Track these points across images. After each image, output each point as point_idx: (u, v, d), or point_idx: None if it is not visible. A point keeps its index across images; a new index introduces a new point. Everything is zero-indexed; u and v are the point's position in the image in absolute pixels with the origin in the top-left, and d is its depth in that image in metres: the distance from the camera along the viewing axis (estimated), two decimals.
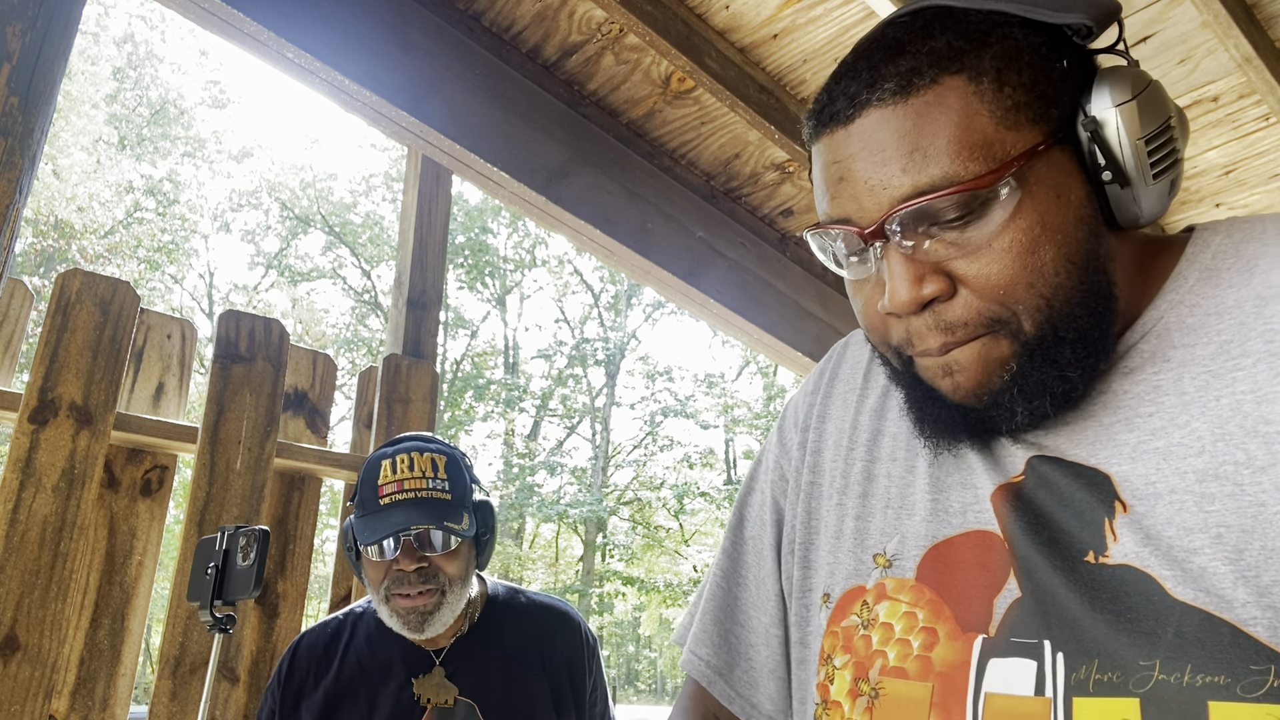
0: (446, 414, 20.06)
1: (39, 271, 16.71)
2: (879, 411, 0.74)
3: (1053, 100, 0.57)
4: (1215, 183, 2.73)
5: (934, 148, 0.55)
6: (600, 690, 1.66)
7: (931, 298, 0.57)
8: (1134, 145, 0.57)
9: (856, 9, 2.09)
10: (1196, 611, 0.51)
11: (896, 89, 0.56)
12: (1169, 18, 2.10)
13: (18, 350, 2.08)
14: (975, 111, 0.55)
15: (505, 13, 2.16)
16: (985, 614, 0.59)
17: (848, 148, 0.58)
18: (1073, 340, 0.57)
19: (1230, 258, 0.61)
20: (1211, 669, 0.49)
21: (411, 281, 2.62)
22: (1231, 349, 0.57)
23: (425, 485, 1.47)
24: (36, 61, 1.51)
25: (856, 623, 0.66)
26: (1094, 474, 0.59)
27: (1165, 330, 0.60)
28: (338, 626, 1.59)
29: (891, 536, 0.67)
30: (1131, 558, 0.55)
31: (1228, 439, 0.55)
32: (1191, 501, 0.54)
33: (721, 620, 0.80)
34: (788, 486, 0.79)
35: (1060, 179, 0.57)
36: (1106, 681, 0.52)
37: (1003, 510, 0.61)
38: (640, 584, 20.26)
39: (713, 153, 2.64)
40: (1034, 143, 0.56)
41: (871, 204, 0.57)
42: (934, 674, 0.59)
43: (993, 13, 0.58)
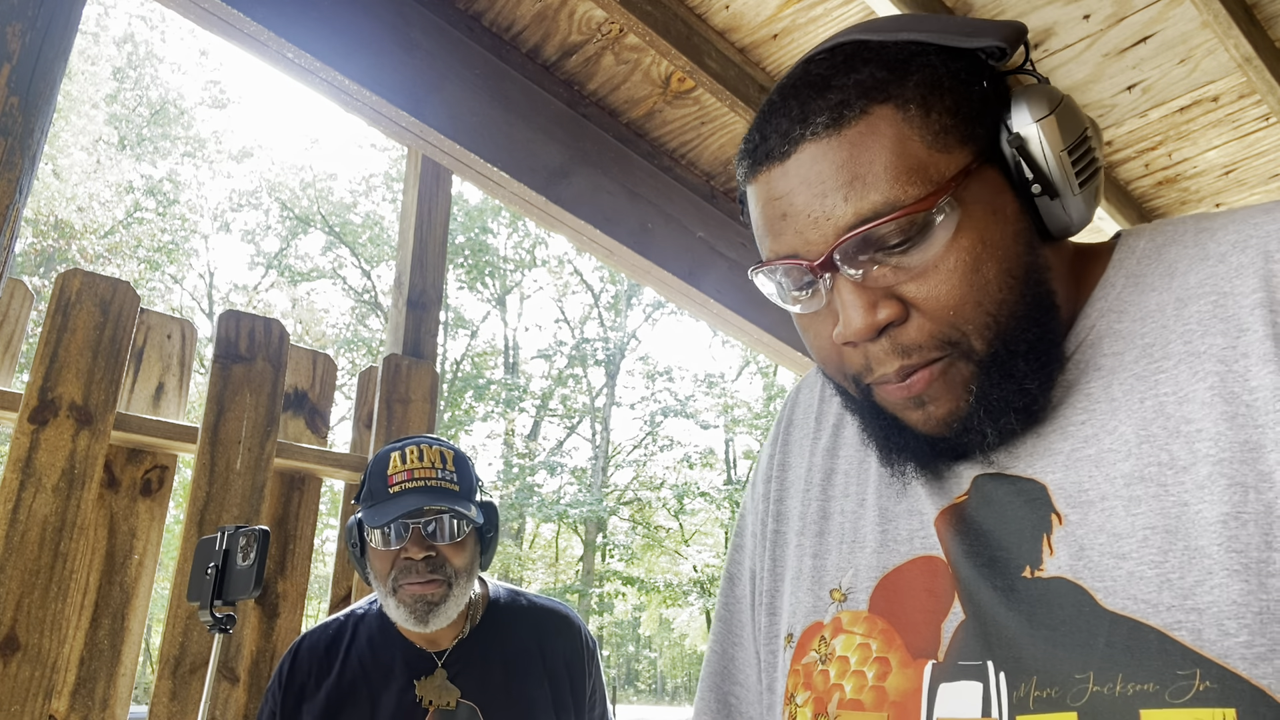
0: (446, 414, 20.06)
1: (39, 271, 16.71)
2: (831, 450, 0.75)
3: (977, 121, 0.59)
4: (1215, 183, 2.73)
5: (872, 175, 0.56)
6: (599, 693, 1.66)
7: (886, 323, 0.58)
8: (1058, 157, 0.59)
9: (856, 9, 2.09)
10: (1125, 620, 0.52)
11: (829, 122, 0.58)
12: (1169, 18, 2.10)
13: (18, 350, 2.08)
14: (907, 137, 0.56)
15: (505, 13, 2.16)
16: (934, 639, 0.59)
17: (786, 184, 0.59)
18: (1025, 353, 0.58)
19: (1152, 261, 0.62)
20: (1141, 677, 0.50)
21: (411, 281, 2.62)
22: (1154, 352, 0.58)
23: (435, 475, 1.48)
24: (36, 61, 1.51)
25: (815, 659, 0.66)
26: (1031, 485, 0.59)
27: (1096, 339, 0.62)
28: (339, 628, 1.59)
29: (846, 571, 0.68)
30: (1065, 570, 0.55)
31: (1152, 440, 0.56)
32: (1120, 506, 0.55)
33: (719, 684, 0.81)
34: (757, 540, 0.80)
35: (993, 196, 0.58)
36: (1045, 698, 0.53)
37: (945, 533, 0.62)
38: (640, 584, 20.26)
39: (713, 153, 2.64)
40: (965, 163, 0.57)
41: (816, 236, 0.58)
42: (888, 703, 0.60)
43: (909, 43, 0.60)
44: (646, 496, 21.18)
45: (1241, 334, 0.56)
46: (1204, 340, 0.57)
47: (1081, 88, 2.36)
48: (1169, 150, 2.60)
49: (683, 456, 21.47)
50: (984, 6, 2.08)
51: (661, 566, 22.11)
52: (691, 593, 20.67)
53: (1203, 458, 0.53)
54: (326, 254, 22.06)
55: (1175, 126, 2.50)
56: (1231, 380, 0.55)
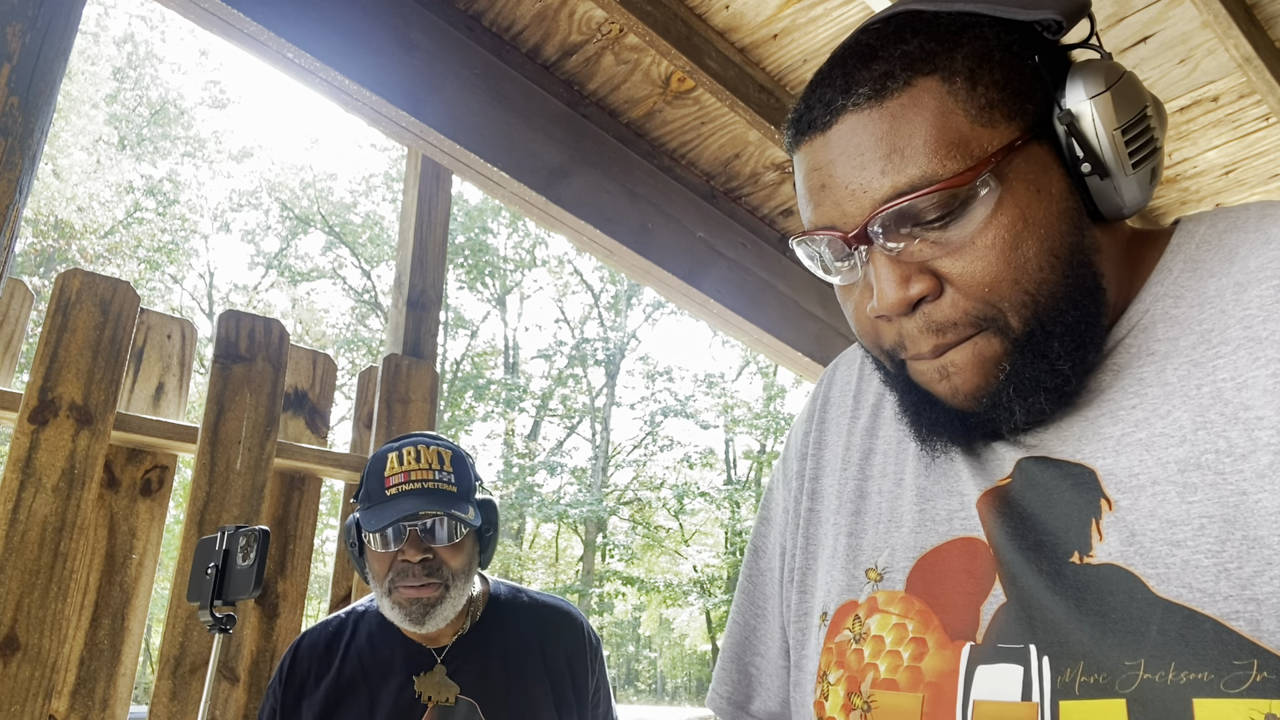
0: (446, 414, 20.06)
1: (39, 271, 16.71)
2: (870, 430, 0.74)
3: (1027, 96, 0.58)
4: (1215, 183, 2.73)
5: (911, 148, 0.55)
6: (603, 690, 1.66)
7: (919, 297, 0.57)
8: (1111, 136, 0.57)
9: (856, 9, 2.09)
10: (1179, 609, 0.51)
11: (871, 93, 0.57)
12: (1169, 18, 2.10)
13: (18, 350, 2.08)
14: (950, 111, 0.56)
15: (505, 13, 2.16)
16: (972, 621, 0.59)
17: (827, 154, 0.59)
18: (1060, 334, 0.57)
19: (1213, 247, 0.61)
20: (1195, 666, 0.49)
21: (411, 281, 2.62)
22: (1212, 337, 0.57)
23: (432, 476, 1.48)
24: (36, 61, 1.51)
25: (849, 637, 0.65)
26: (1079, 470, 0.58)
27: (1150, 323, 0.60)
28: (339, 625, 1.59)
29: (882, 550, 0.67)
30: (1115, 556, 0.54)
31: (1209, 427, 0.54)
32: (1174, 492, 0.54)
33: (740, 655, 0.81)
34: (789, 517, 0.79)
35: (1039, 174, 0.57)
36: (1092, 683, 0.52)
37: (988, 516, 0.61)
38: (640, 584, 20.27)
39: (713, 153, 2.64)
40: (1010, 139, 0.56)
41: (853, 208, 0.58)
42: (924, 684, 0.59)
43: (962, 14, 0.58)
44: (646, 496, 21.18)
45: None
46: (1265, 325, 0.55)
47: None
48: (1169, 150, 2.60)
49: (683, 456, 21.48)
50: None
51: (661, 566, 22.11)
52: (691, 593, 20.67)
53: (1263, 446, 0.52)
54: (326, 254, 22.06)
55: (1175, 126, 2.50)
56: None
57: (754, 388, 23.75)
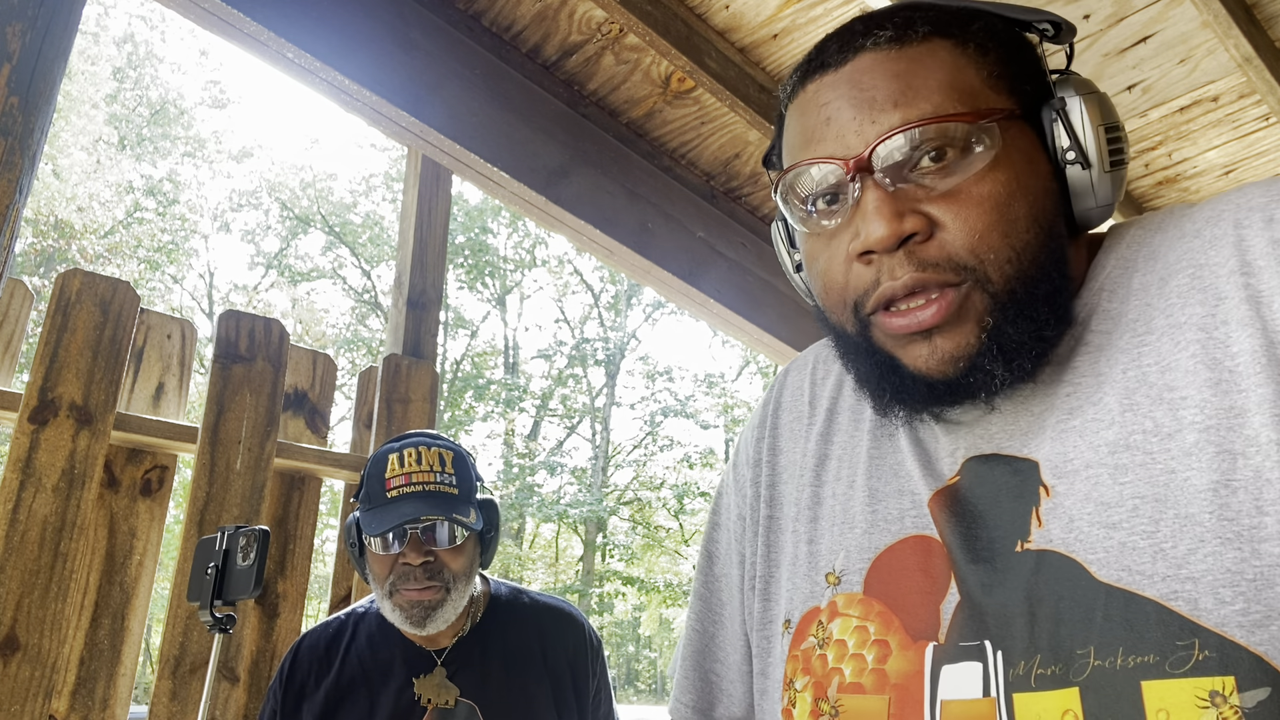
0: (446, 414, 20.06)
1: (39, 271, 16.71)
2: (824, 435, 0.75)
3: (1026, 79, 0.62)
4: (1215, 183, 2.73)
5: (926, 88, 0.58)
6: (604, 691, 1.65)
7: (909, 233, 0.57)
8: (1096, 130, 0.61)
9: (856, 9, 2.09)
10: (1120, 593, 0.52)
11: (893, 37, 0.60)
12: (1169, 18, 2.10)
13: (18, 350, 2.08)
14: (963, 67, 0.59)
15: (505, 13, 2.16)
16: (933, 621, 0.59)
17: (836, 90, 0.61)
18: (1044, 299, 0.59)
19: (1139, 246, 0.64)
20: (1141, 649, 0.50)
21: (411, 281, 2.62)
22: (1138, 327, 0.59)
23: (433, 479, 1.47)
24: (36, 61, 1.51)
25: (814, 643, 0.66)
26: (1022, 463, 0.60)
27: (1088, 316, 0.63)
28: (339, 627, 1.59)
29: (838, 553, 0.67)
30: (1056, 543, 0.55)
31: (1135, 409, 0.56)
32: (1106, 474, 0.55)
33: (700, 662, 0.81)
34: (745, 524, 0.79)
35: (1031, 149, 0.61)
36: (1048, 675, 0.53)
37: (939, 514, 0.62)
38: (640, 584, 20.26)
39: (713, 153, 2.64)
40: (1013, 106, 0.60)
41: (856, 140, 0.59)
42: (890, 686, 0.60)
43: (972, 8, 0.63)
44: (646, 496, 21.18)
45: (1220, 302, 0.56)
46: (1184, 311, 0.57)
47: None
48: (1169, 150, 2.60)
49: (683, 456, 21.47)
50: None
51: (661, 566, 22.11)
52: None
53: (1188, 425, 0.53)
54: (326, 254, 22.06)
55: (1175, 126, 2.50)
56: (1213, 347, 0.55)
57: (754, 388, 23.76)
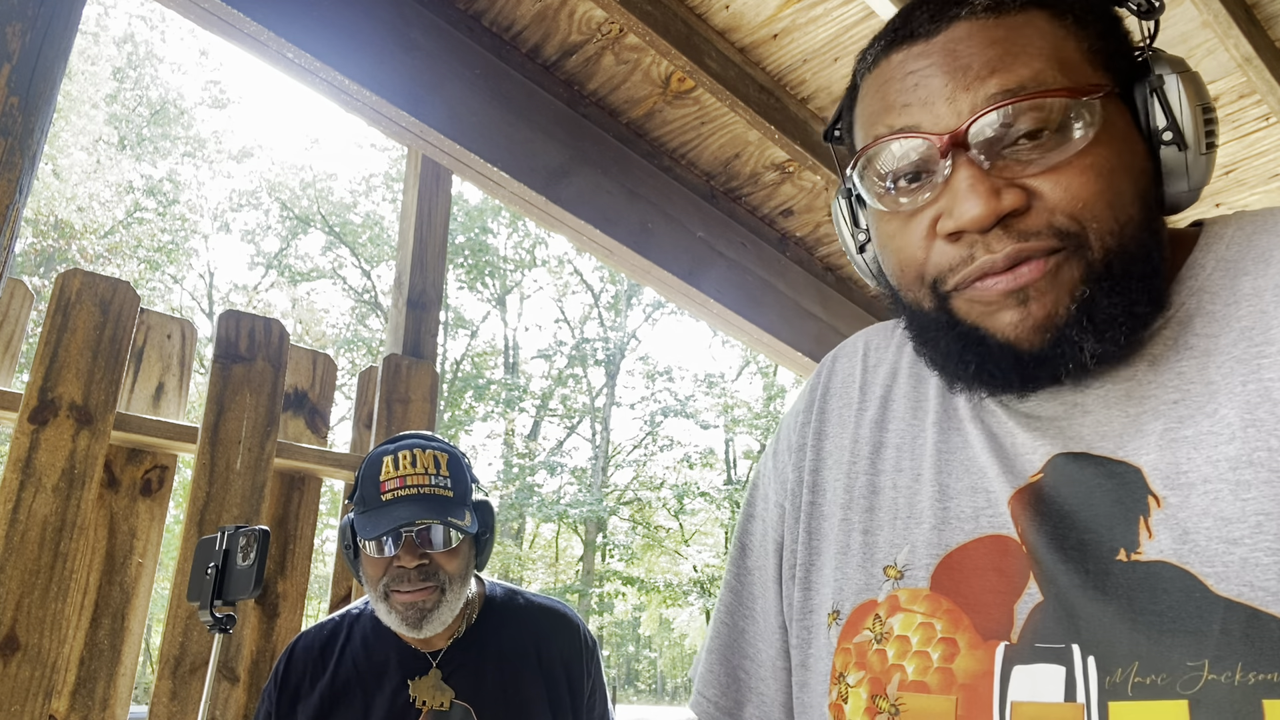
0: (446, 414, 20.06)
1: (39, 271, 16.71)
2: (879, 423, 0.72)
3: (1123, 55, 0.60)
4: (1215, 183, 2.73)
5: (1026, 54, 0.56)
6: (599, 692, 1.65)
7: (1009, 210, 0.55)
8: (1194, 110, 0.59)
9: (856, 9, 2.09)
10: (1242, 608, 0.50)
11: (989, 6, 0.57)
12: (1169, 18, 2.10)
13: (18, 350, 2.08)
14: (1063, 39, 0.57)
15: (505, 13, 2.16)
16: (1006, 620, 0.57)
17: (927, 59, 0.58)
18: (1140, 275, 0.56)
19: (1244, 247, 0.60)
20: (1263, 666, 0.48)
21: (411, 281, 2.62)
22: (1254, 335, 0.56)
23: (428, 482, 1.46)
24: (36, 61, 1.51)
25: (870, 637, 0.63)
26: (1122, 467, 0.57)
27: (1187, 317, 0.59)
28: (334, 628, 1.58)
29: (901, 547, 0.65)
30: (1168, 554, 0.53)
31: (1259, 425, 0.53)
32: (1227, 490, 0.53)
33: (728, 657, 0.77)
34: (785, 512, 0.76)
35: (1128, 128, 0.59)
36: (1149, 684, 0.51)
37: (1021, 514, 0.59)
38: (640, 584, 20.26)
39: (713, 153, 2.64)
40: (1110, 84, 0.58)
41: (948, 111, 0.56)
42: (956, 685, 0.57)
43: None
44: (646, 496, 21.18)
45: None
46: None
47: None
48: None
49: (683, 456, 21.47)
50: None
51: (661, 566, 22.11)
52: (691, 593, 20.67)
53: None
54: (326, 254, 22.06)
55: None
56: None
57: (754, 388, 23.76)
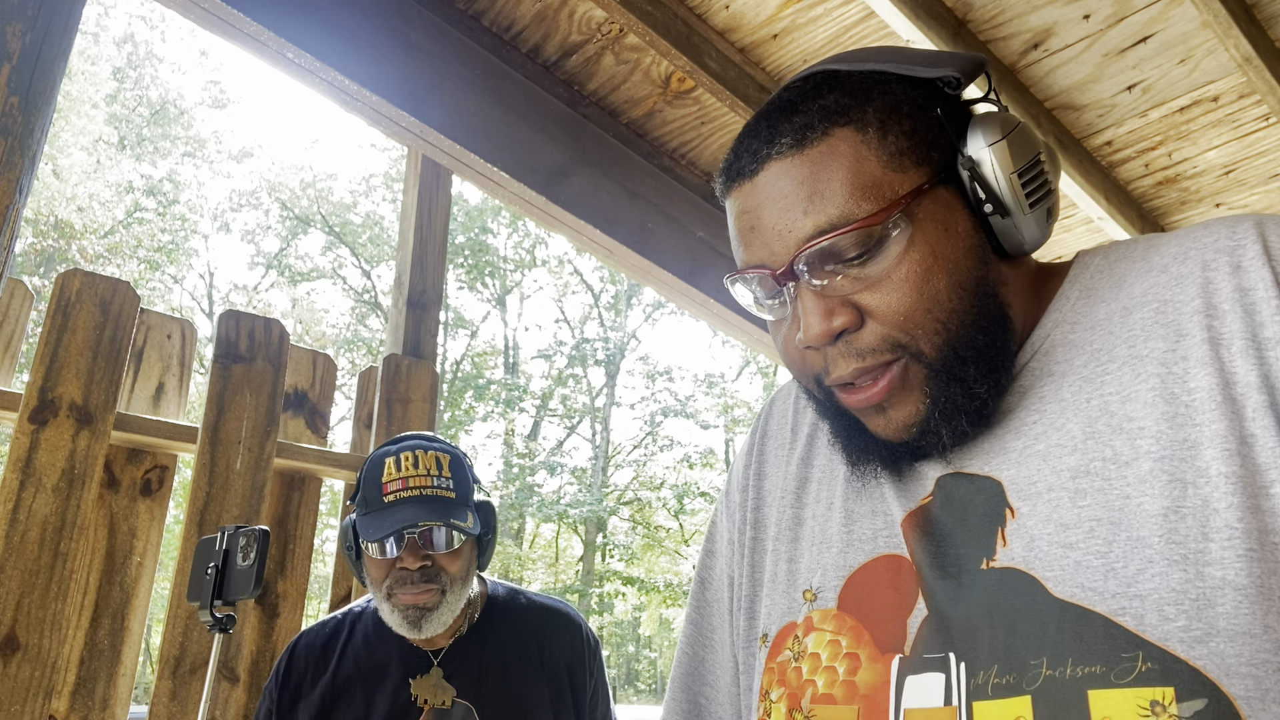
0: (446, 414, 20.06)
1: (39, 271, 16.71)
2: (805, 459, 0.79)
3: (933, 144, 0.63)
4: (1215, 183, 2.73)
5: (830, 190, 0.61)
6: (601, 692, 1.65)
7: (842, 329, 0.61)
8: (1009, 179, 0.63)
9: (856, 9, 2.09)
10: (1073, 607, 0.55)
11: (793, 142, 0.62)
12: (1169, 18, 2.10)
13: (18, 350, 2.08)
14: (864, 158, 0.61)
15: (505, 13, 2.16)
16: (900, 634, 0.63)
17: (754, 198, 0.64)
18: (973, 359, 0.62)
19: (1104, 275, 0.67)
20: (1089, 660, 0.53)
21: (411, 281, 2.62)
22: (1101, 356, 0.62)
23: (430, 483, 1.47)
24: (36, 61, 1.51)
25: (789, 656, 0.69)
26: (987, 482, 0.63)
27: (1050, 347, 0.66)
28: (336, 626, 1.58)
29: (815, 571, 0.71)
30: (1018, 560, 0.59)
31: (1097, 437, 0.59)
32: (1066, 498, 0.59)
33: (689, 685, 0.83)
34: (734, 548, 0.82)
35: (947, 214, 0.63)
36: (1004, 684, 0.56)
37: (911, 534, 0.66)
38: (640, 584, 20.26)
39: (713, 153, 2.64)
40: (919, 182, 0.62)
41: (780, 247, 0.62)
42: (859, 696, 0.63)
43: (873, 73, 0.65)
44: (646, 496, 21.18)
45: (1181, 339, 0.60)
46: (1146, 344, 0.61)
47: (1081, 88, 2.36)
48: (1169, 150, 2.60)
49: (683, 456, 21.47)
50: (984, 6, 2.08)
51: (661, 566, 22.11)
52: None
53: (1144, 454, 0.57)
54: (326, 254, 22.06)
55: (1175, 126, 2.50)
56: (1171, 381, 0.58)
57: (754, 388, 23.75)
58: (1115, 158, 2.65)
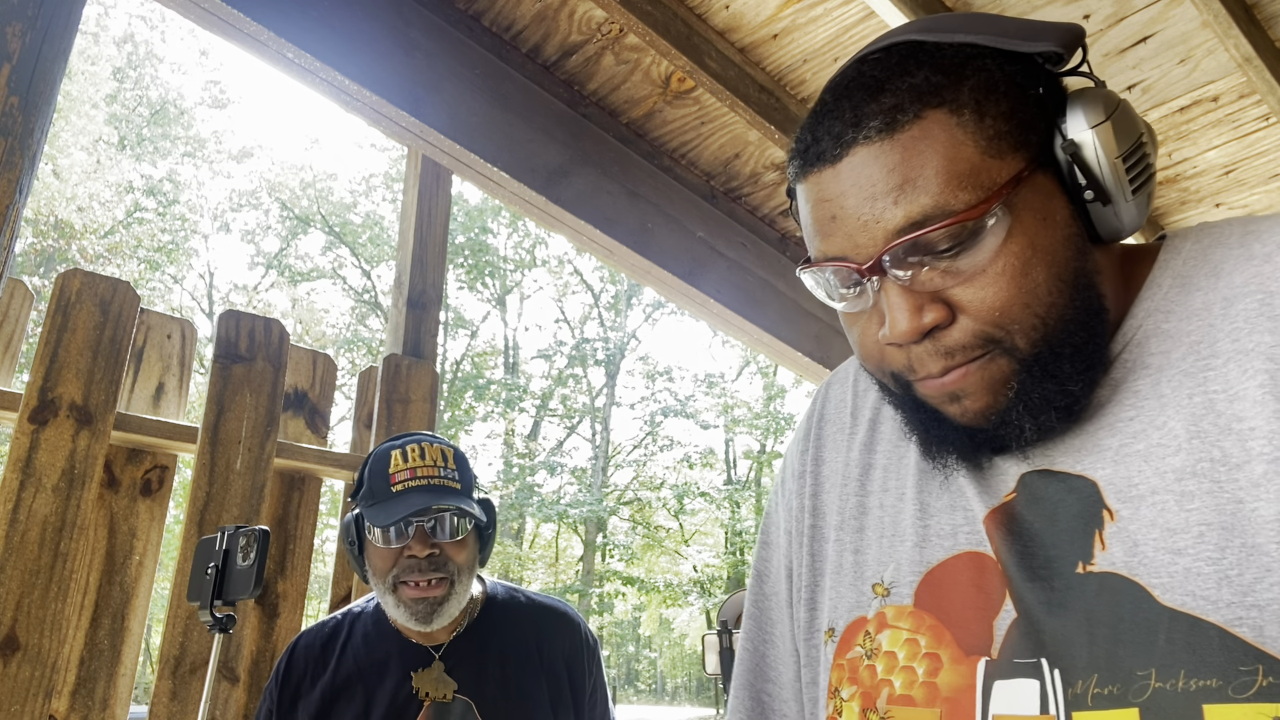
0: (446, 414, 20.06)
1: (39, 271, 16.71)
2: (868, 446, 0.75)
3: (1031, 127, 0.59)
4: (1215, 183, 2.73)
5: (924, 179, 0.56)
6: (600, 691, 1.66)
7: (932, 326, 0.58)
8: (1112, 164, 0.59)
9: (856, 9, 2.09)
10: (1184, 616, 0.52)
11: (882, 126, 0.58)
12: (1169, 18, 2.10)
13: (18, 350, 2.08)
14: (960, 143, 0.56)
15: (505, 13, 2.16)
16: (986, 636, 0.59)
17: (837, 185, 0.59)
18: (1070, 355, 0.59)
19: (1199, 263, 0.63)
20: (1204, 673, 0.50)
21: (411, 281, 2.62)
22: (1202, 349, 0.58)
23: (438, 473, 1.49)
24: (36, 61, 1.51)
25: (861, 653, 0.66)
26: (1080, 481, 0.60)
27: (1144, 338, 0.62)
28: (335, 626, 1.59)
29: (887, 565, 0.68)
30: (1119, 566, 0.55)
31: (1203, 436, 0.56)
32: (1173, 501, 0.55)
33: (753, 683, 0.80)
34: (792, 537, 0.79)
35: (1045, 202, 0.59)
36: (1106, 694, 0.53)
37: (995, 532, 0.62)
38: (640, 584, 20.26)
39: (713, 153, 2.64)
40: (1017, 169, 0.57)
41: (865, 239, 0.58)
42: (941, 699, 0.60)
43: (965, 45, 0.59)
44: (646, 496, 21.18)
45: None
46: (1251, 338, 0.57)
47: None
48: (1169, 150, 2.60)
49: (683, 456, 21.47)
50: (983, 6, 2.08)
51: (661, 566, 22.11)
52: (691, 593, 20.67)
53: (1256, 455, 0.53)
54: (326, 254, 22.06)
55: (1175, 126, 2.50)
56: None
57: (754, 388, 23.75)
58: None
